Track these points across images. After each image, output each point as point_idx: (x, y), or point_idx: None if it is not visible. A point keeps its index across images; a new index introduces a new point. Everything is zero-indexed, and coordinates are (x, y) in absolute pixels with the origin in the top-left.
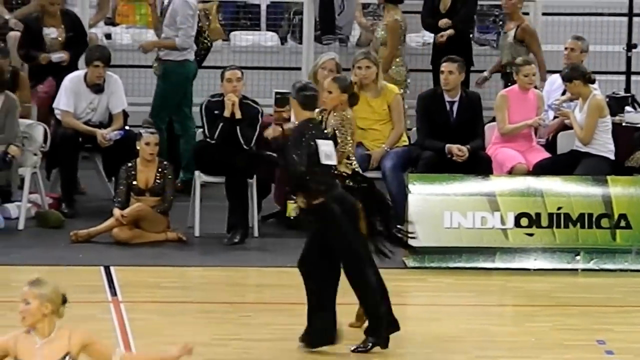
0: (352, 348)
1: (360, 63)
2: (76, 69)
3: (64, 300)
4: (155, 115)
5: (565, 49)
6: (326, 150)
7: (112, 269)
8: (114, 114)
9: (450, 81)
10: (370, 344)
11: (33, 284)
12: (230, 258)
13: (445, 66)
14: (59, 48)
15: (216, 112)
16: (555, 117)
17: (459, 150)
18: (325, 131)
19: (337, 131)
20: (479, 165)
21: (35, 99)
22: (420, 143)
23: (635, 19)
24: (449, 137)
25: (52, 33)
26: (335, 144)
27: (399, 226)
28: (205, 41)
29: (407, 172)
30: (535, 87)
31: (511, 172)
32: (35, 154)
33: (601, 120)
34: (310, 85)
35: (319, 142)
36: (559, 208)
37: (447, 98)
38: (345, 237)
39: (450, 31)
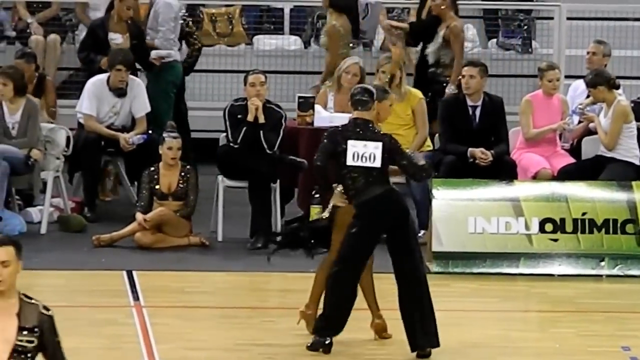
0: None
1: (384, 67)
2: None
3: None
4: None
5: (587, 53)
6: (358, 152)
7: (134, 273)
8: (137, 118)
9: (472, 85)
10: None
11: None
12: (253, 263)
13: (466, 70)
14: None
15: (239, 116)
16: (580, 122)
17: (482, 154)
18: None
19: None
20: (504, 170)
21: None
22: (442, 147)
23: None
24: (472, 142)
25: (117, 39)
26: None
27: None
28: (196, 42)
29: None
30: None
31: (535, 178)
32: (57, 158)
33: (626, 126)
34: (363, 88)
35: (350, 142)
36: (584, 213)
37: (469, 102)
38: (357, 242)
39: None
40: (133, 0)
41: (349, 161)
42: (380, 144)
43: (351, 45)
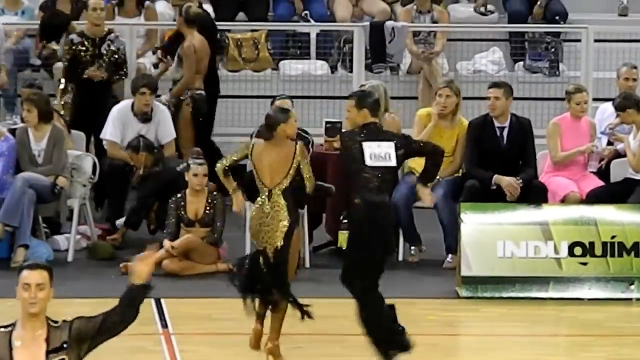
0: None
1: (441, 91)
2: None
3: None
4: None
5: (618, 77)
6: (374, 152)
7: (162, 301)
8: (165, 144)
9: (497, 107)
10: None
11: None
12: None
13: (491, 92)
14: None
15: None
16: (609, 143)
17: (512, 187)
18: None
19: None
20: (533, 194)
21: None
22: (467, 171)
23: None
24: (500, 164)
25: None
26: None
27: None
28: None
29: (459, 201)
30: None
31: (564, 201)
32: (84, 185)
33: None
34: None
35: (365, 144)
36: (613, 237)
37: (496, 124)
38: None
39: None
40: None
41: (368, 161)
42: (385, 144)
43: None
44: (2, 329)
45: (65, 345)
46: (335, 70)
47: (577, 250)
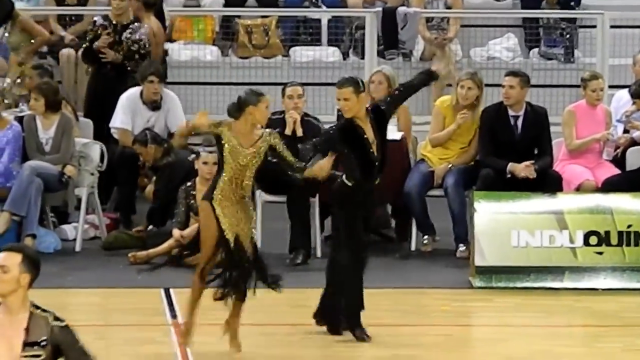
0: None
1: (463, 83)
2: None
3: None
4: None
5: (634, 64)
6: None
7: (172, 291)
8: (175, 132)
9: (511, 96)
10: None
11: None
12: (292, 279)
13: (507, 80)
14: None
15: (277, 129)
16: (625, 131)
17: (528, 169)
18: None
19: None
20: (549, 183)
21: None
22: (482, 160)
23: None
24: (514, 153)
25: None
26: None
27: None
28: None
29: (472, 189)
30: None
31: (579, 189)
32: (92, 174)
33: None
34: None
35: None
36: (629, 226)
37: (510, 113)
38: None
39: None
40: None
41: None
42: None
43: None
44: None
45: (43, 344)
46: (347, 56)
47: (593, 240)
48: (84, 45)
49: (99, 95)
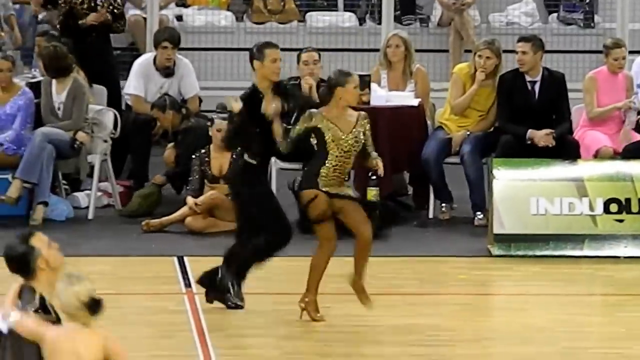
0: None
1: (481, 52)
2: None
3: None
4: None
5: None
6: None
7: (185, 259)
8: (188, 99)
9: (526, 61)
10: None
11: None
12: (308, 248)
13: (519, 46)
14: None
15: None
16: None
17: (546, 138)
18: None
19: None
20: (566, 150)
21: None
22: (501, 126)
23: None
24: (532, 119)
25: None
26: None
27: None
28: None
29: (490, 157)
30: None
31: (597, 156)
32: (105, 141)
33: None
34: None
35: None
36: None
37: (527, 78)
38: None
39: None
40: None
41: None
42: None
43: None
44: None
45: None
46: (363, 22)
47: (613, 207)
48: (59, 19)
49: (82, 62)
